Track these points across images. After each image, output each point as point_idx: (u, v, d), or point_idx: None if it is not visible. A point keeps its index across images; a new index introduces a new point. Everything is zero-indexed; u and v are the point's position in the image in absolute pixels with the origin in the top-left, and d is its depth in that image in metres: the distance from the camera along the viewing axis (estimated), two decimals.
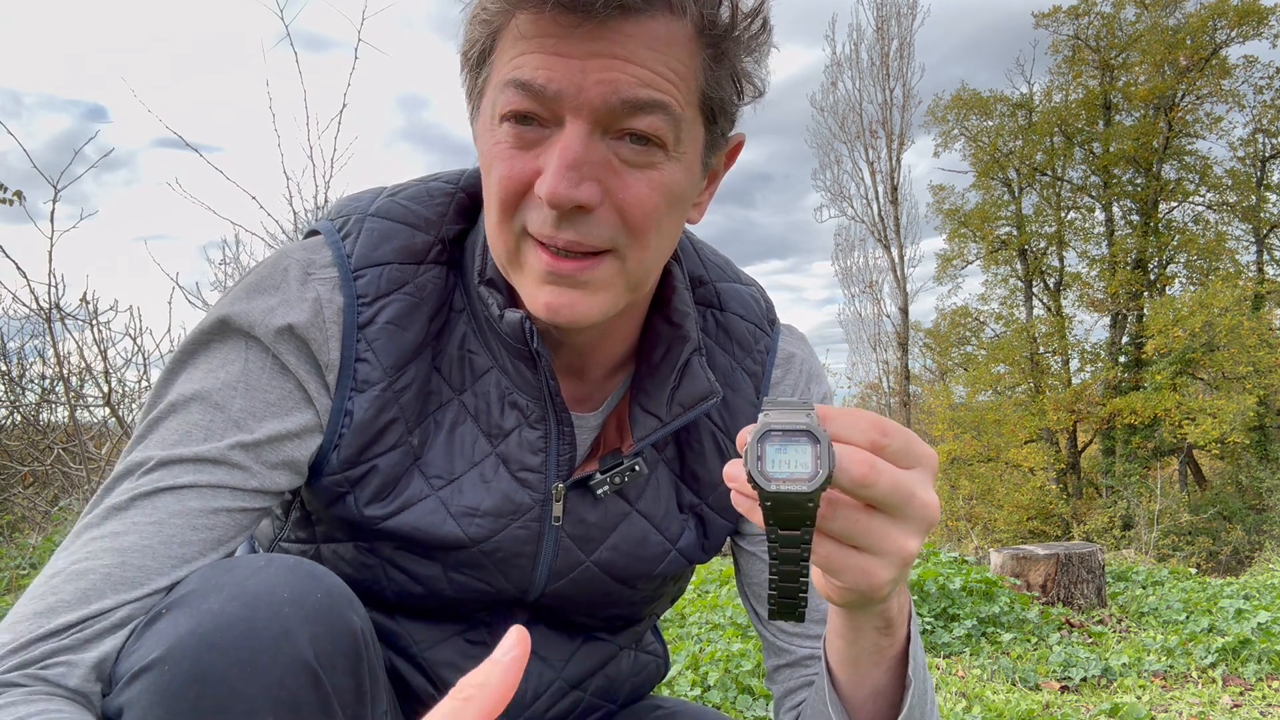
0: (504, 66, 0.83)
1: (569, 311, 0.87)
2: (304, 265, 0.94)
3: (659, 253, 0.91)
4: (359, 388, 0.93)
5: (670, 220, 0.89)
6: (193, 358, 0.92)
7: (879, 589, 0.67)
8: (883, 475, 0.62)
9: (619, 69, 0.80)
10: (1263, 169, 22.16)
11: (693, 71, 0.84)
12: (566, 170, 0.80)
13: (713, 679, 3.03)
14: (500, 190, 0.85)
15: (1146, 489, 17.85)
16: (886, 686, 0.84)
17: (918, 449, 0.65)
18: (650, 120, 0.82)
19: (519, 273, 0.90)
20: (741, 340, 1.09)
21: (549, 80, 0.80)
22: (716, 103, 0.88)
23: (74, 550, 0.82)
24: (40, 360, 6.50)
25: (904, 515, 0.64)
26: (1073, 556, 4.80)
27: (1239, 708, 3.24)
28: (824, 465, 0.60)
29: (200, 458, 0.86)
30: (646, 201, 0.85)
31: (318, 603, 0.78)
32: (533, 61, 0.81)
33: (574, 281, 0.86)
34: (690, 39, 0.83)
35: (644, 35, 0.80)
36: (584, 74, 0.80)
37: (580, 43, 0.79)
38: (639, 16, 0.80)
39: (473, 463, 0.98)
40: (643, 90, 0.81)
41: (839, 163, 23.52)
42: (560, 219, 0.83)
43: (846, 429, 0.64)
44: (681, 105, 0.83)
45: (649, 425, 1.00)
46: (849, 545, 0.66)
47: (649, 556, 1.06)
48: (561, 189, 0.80)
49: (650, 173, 0.85)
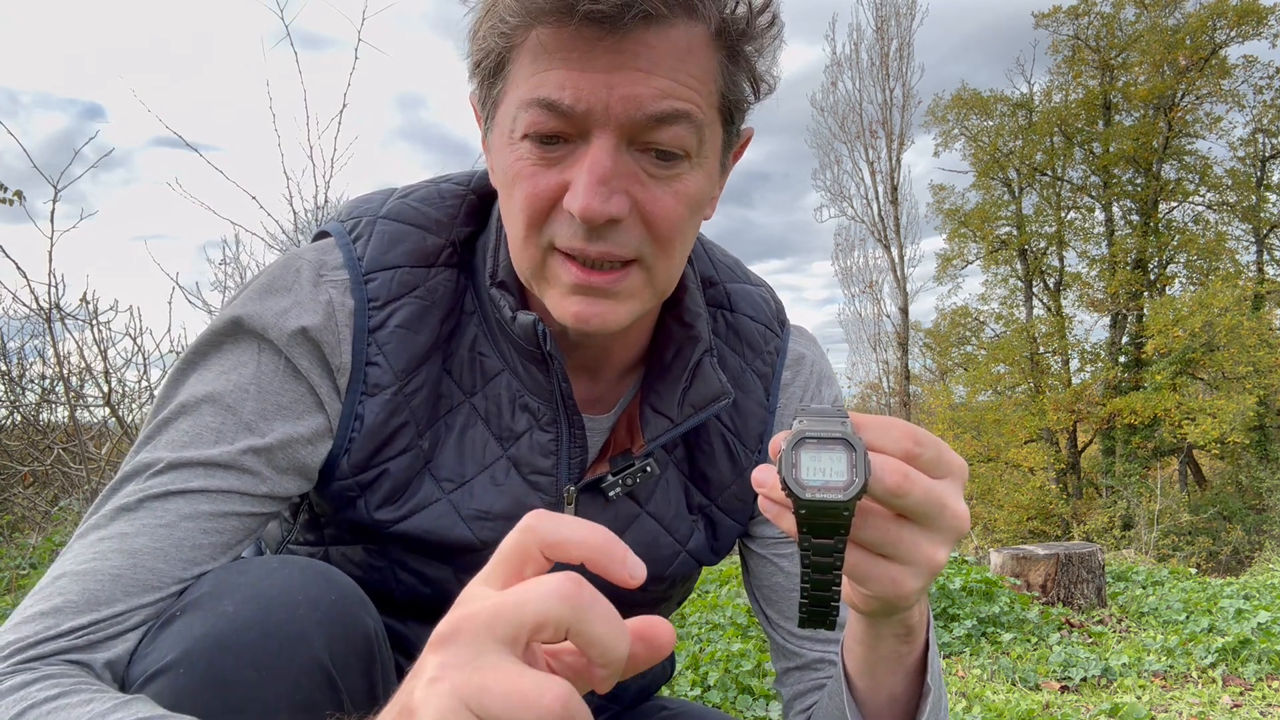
0: (525, 82, 0.83)
1: (599, 321, 0.87)
2: (316, 267, 0.94)
3: (682, 259, 0.92)
4: (370, 392, 0.93)
5: (691, 227, 0.90)
6: (204, 358, 0.91)
7: (906, 598, 0.67)
8: (916, 485, 0.62)
9: (643, 82, 0.80)
10: (1263, 169, 22.15)
11: (712, 75, 0.84)
12: (598, 185, 0.81)
13: (713, 679, 3.03)
14: (526, 207, 0.85)
15: (1146, 489, 17.84)
16: (904, 693, 0.84)
17: (949, 459, 0.65)
18: (674, 131, 0.82)
19: (545, 285, 0.90)
20: (751, 341, 1.09)
21: (577, 100, 0.80)
22: (734, 103, 0.88)
23: (81, 551, 0.81)
24: (40, 360, 6.49)
25: (935, 525, 0.64)
26: (1073, 556, 4.80)
27: (1239, 708, 3.24)
28: (859, 474, 0.59)
29: (211, 461, 0.85)
30: (673, 213, 0.85)
31: (332, 604, 0.78)
32: (556, 79, 0.80)
33: (605, 293, 0.87)
34: (708, 42, 0.83)
35: (666, 45, 0.80)
36: (610, 90, 0.79)
37: (604, 56, 0.79)
38: (660, 26, 0.79)
39: (484, 466, 0.98)
40: (666, 103, 0.81)
41: (839, 163, 23.52)
42: (591, 232, 0.83)
43: (880, 438, 0.64)
44: (703, 111, 0.84)
45: (660, 426, 1.00)
46: (878, 554, 0.66)
47: (659, 558, 1.06)
48: (595, 204, 0.80)
49: (675, 184, 0.85)
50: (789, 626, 1.09)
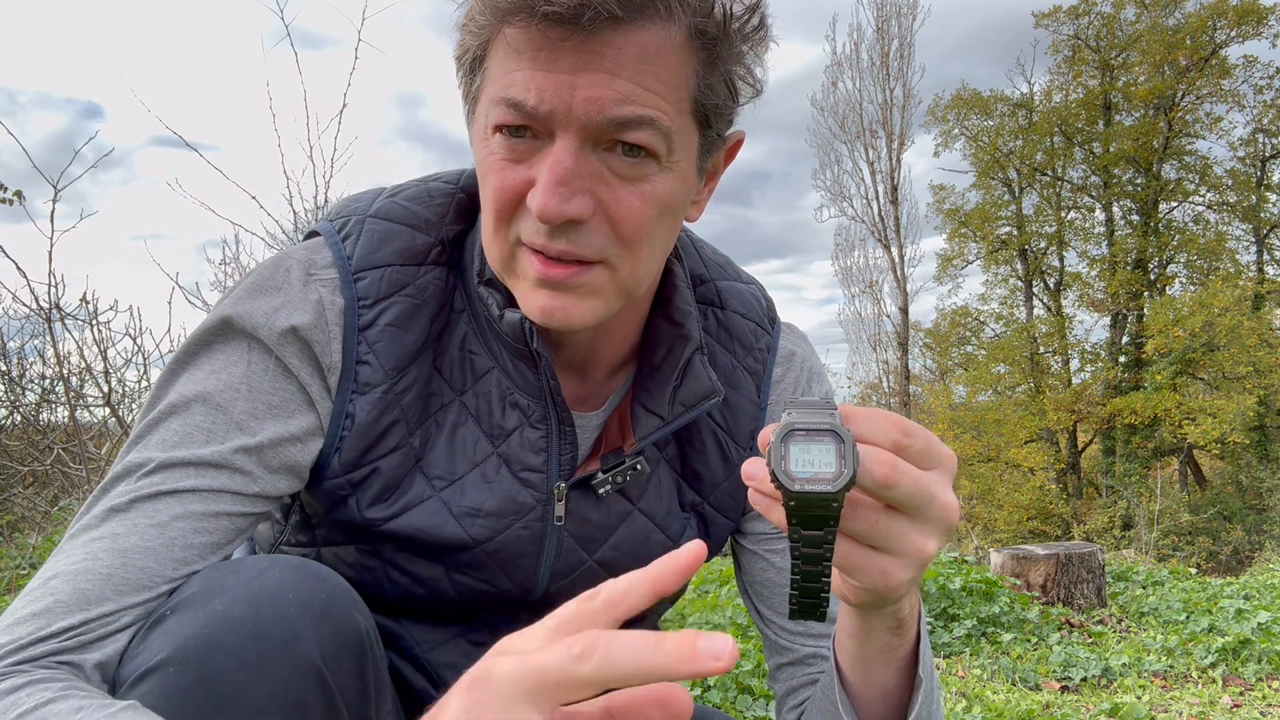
0: (496, 80, 0.83)
1: (562, 315, 0.87)
2: (305, 266, 0.94)
3: (651, 261, 0.91)
4: (360, 390, 0.93)
5: (663, 229, 0.90)
6: (194, 358, 0.91)
7: (896, 589, 0.67)
8: (905, 476, 0.62)
9: (606, 85, 0.79)
10: (1263, 169, 22.15)
11: (684, 79, 0.83)
12: (556, 186, 0.80)
13: (713, 679, 3.03)
14: (495, 201, 0.86)
15: (1146, 489, 17.84)
16: (895, 686, 0.84)
17: (938, 450, 0.66)
18: (639, 135, 0.81)
19: (514, 279, 0.90)
20: (742, 339, 1.09)
21: (540, 101, 0.80)
22: (710, 108, 0.87)
23: (72, 551, 0.81)
24: (40, 360, 6.49)
25: (924, 516, 0.64)
26: (1073, 556, 4.80)
27: (1239, 708, 3.24)
28: (848, 465, 0.59)
29: (202, 461, 0.85)
30: (638, 214, 0.85)
31: (323, 604, 0.78)
32: (522, 79, 0.80)
33: (566, 286, 0.86)
34: (681, 45, 0.82)
35: (633, 47, 0.79)
36: (573, 90, 0.79)
37: (568, 56, 0.78)
38: (628, 27, 0.78)
39: (474, 463, 0.98)
40: (627, 108, 0.80)
41: (839, 162, 23.52)
42: (553, 230, 0.83)
43: (869, 429, 0.64)
44: (670, 117, 0.82)
45: (651, 424, 1.00)
46: (867, 545, 0.66)
47: (650, 555, 1.05)
48: (552, 205, 0.80)
49: (642, 185, 0.84)
50: (781, 622, 1.09)
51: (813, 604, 0.67)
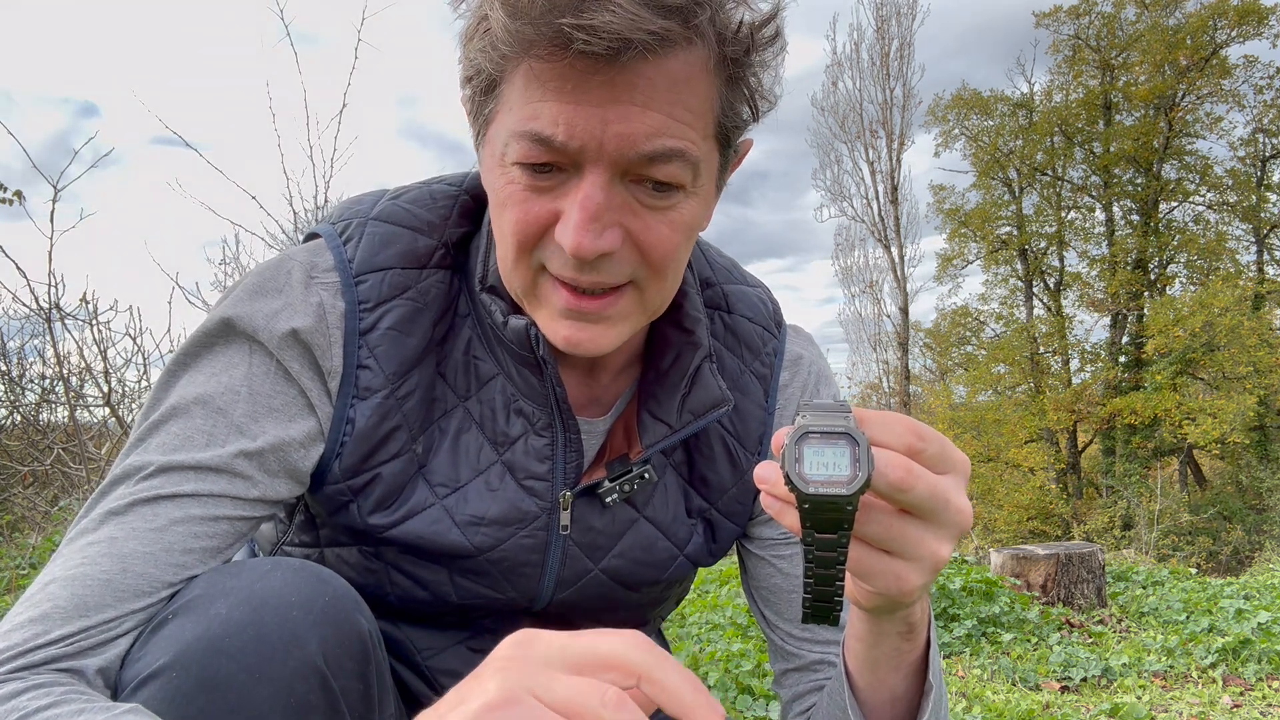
0: (518, 110, 0.80)
1: (590, 344, 0.87)
2: (307, 269, 0.93)
3: (676, 280, 0.91)
4: (360, 395, 0.92)
5: (687, 249, 0.89)
6: (195, 360, 0.90)
7: (909, 594, 0.67)
8: (920, 480, 0.62)
9: (638, 119, 0.77)
10: (1263, 169, 22.14)
11: (710, 104, 0.82)
12: (590, 222, 0.79)
13: (713, 679, 3.03)
14: (517, 233, 0.84)
15: (1146, 489, 17.83)
16: (905, 692, 0.83)
17: (952, 454, 0.65)
18: (669, 170, 0.80)
19: (537, 304, 0.89)
20: (750, 343, 1.08)
21: (570, 137, 0.77)
22: (732, 128, 0.86)
23: (71, 556, 0.81)
24: (40, 360, 6.48)
25: (938, 520, 0.64)
26: (1073, 556, 4.80)
27: (1239, 708, 3.24)
28: (863, 468, 0.59)
29: (202, 465, 0.84)
30: (668, 242, 0.84)
31: (325, 606, 0.78)
32: (549, 112, 0.77)
33: (596, 318, 0.86)
34: (706, 69, 0.80)
35: (664, 78, 0.77)
36: (604, 125, 0.77)
37: (598, 90, 0.76)
38: (657, 58, 0.76)
39: (478, 470, 0.97)
40: (660, 141, 0.78)
41: (839, 162, 23.53)
42: (582, 264, 0.82)
43: (884, 433, 0.63)
44: (697, 145, 0.81)
45: (659, 432, 0.99)
46: (881, 549, 0.66)
47: (655, 562, 1.05)
48: (586, 243, 0.79)
49: (670, 214, 0.84)
50: (788, 628, 1.08)
51: (826, 608, 0.67)
